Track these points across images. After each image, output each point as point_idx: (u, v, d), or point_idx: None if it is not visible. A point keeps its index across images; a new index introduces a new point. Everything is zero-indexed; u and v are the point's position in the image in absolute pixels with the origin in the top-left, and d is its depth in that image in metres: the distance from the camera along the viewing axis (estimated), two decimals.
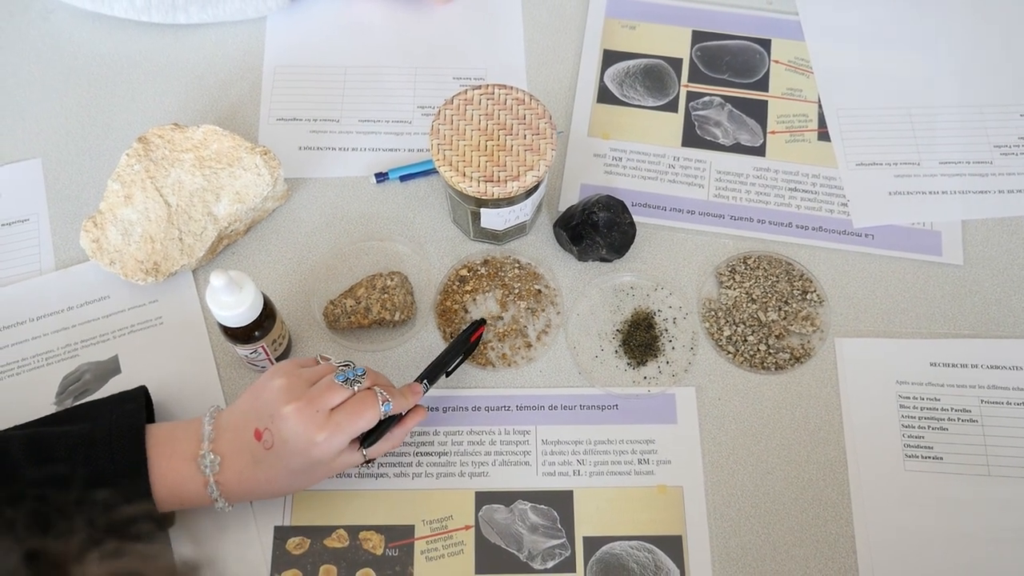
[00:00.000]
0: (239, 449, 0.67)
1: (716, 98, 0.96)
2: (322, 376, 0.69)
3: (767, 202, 0.90)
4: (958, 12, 1.01)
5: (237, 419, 0.68)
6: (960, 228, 0.89)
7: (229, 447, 0.67)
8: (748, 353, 0.82)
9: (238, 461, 0.67)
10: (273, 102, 0.94)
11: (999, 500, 0.77)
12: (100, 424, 0.68)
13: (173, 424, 0.70)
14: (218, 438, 0.68)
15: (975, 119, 0.95)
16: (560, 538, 0.75)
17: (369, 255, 0.86)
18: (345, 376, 0.68)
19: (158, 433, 0.68)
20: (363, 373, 0.69)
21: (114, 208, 0.82)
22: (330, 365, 0.71)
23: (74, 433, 0.67)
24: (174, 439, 0.68)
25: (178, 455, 0.67)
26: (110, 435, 0.67)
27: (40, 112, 0.93)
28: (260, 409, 0.68)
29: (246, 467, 0.67)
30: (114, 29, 0.97)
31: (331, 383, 0.67)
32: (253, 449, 0.67)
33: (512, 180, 0.75)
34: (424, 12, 1.00)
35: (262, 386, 0.69)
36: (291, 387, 0.67)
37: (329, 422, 0.66)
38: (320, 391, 0.67)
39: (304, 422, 0.66)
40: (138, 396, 0.73)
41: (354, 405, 0.67)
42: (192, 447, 0.67)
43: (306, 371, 0.69)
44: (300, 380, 0.68)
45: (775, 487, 0.77)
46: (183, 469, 0.67)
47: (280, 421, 0.66)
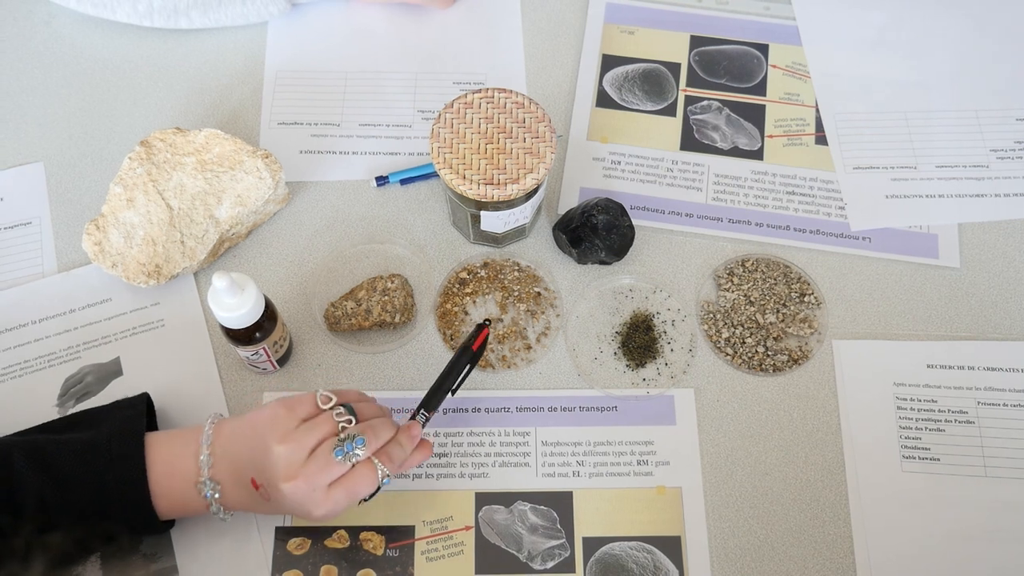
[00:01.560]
0: (239, 483, 0.67)
1: (714, 102, 0.96)
2: (321, 437, 0.66)
3: (765, 205, 0.90)
4: (954, 17, 1.02)
5: (238, 455, 0.67)
6: (956, 231, 0.89)
7: (229, 478, 0.67)
8: (746, 355, 0.83)
9: (239, 492, 0.67)
10: (274, 106, 0.94)
11: (995, 500, 0.77)
12: (101, 433, 0.68)
13: (170, 437, 0.69)
14: (217, 464, 0.67)
15: (971, 123, 0.96)
16: (560, 539, 0.75)
17: (370, 258, 0.87)
18: (343, 452, 0.65)
19: (157, 447, 0.67)
20: (362, 444, 0.66)
21: (116, 211, 0.83)
22: (330, 420, 0.67)
23: (75, 441, 0.67)
24: (173, 456, 0.67)
25: (178, 476, 0.67)
26: (110, 443, 0.67)
27: (43, 116, 0.93)
28: (259, 464, 0.66)
29: (246, 499, 0.67)
30: (116, 34, 0.97)
31: (329, 459, 0.65)
32: (251, 490, 0.67)
33: (512, 183, 0.76)
34: (424, 17, 1.00)
35: (261, 440, 0.66)
36: (290, 460, 0.65)
37: (328, 499, 0.65)
38: (318, 468, 0.65)
39: (303, 498, 0.65)
40: (138, 403, 0.72)
41: (353, 482, 0.66)
42: (190, 469, 0.67)
43: (305, 434, 0.66)
44: (300, 449, 0.65)
45: (773, 488, 0.78)
46: (185, 491, 0.67)
47: (277, 494, 0.65)
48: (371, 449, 0.67)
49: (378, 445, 0.67)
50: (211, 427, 0.68)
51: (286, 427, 0.66)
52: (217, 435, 0.68)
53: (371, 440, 0.67)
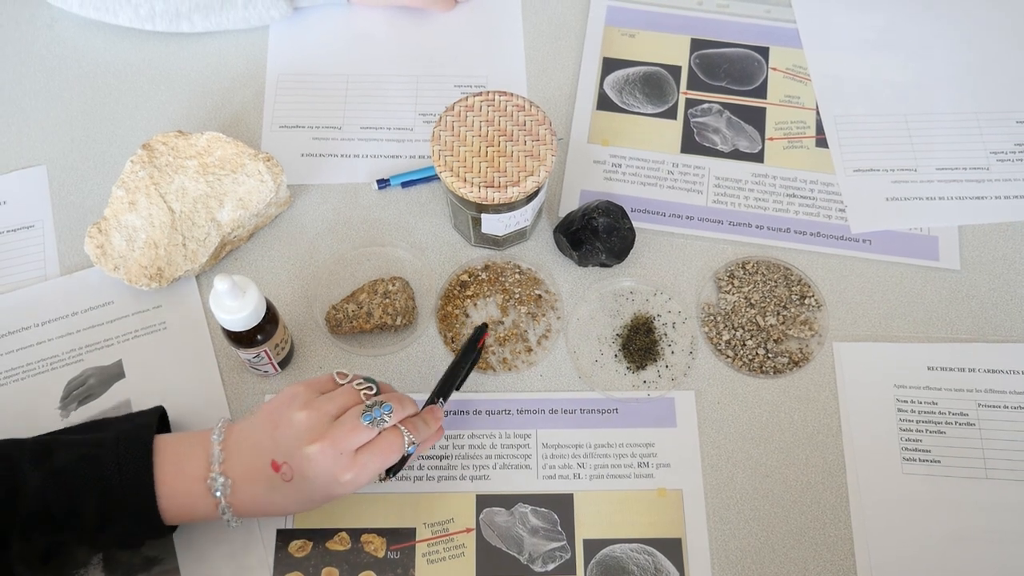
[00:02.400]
0: (253, 475, 0.65)
1: (715, 105, 0.96)
2: (344, 406, 0.66)
3: (765, 208, 0.91)
4: (954, 20, 1.02)
5: (251, 444, 0.66)
6: (957, 233, 0.90)
7: (242, 471, 0.65)
8: (747, 357, 0.83)
9: (252, 486, 0.65)
10: (276, 109, 0.95)
11: (996, 503, 0.77)
12: (110, 432, 0.67)
13: (178, 438, 0.68)
14: (228, 459, 0.66)
15: (971, 126, 0.96)
16: (560, 541, 0.75)
17: (371, 260, 0.87)
18: (371, 417, 0.65)
19: (164, 448, 0.66)
20: (390, 411, 0.66)
21: (118, 214, 0.83)
22: (352, 390, 0.68)
23: (82, 441, 0.67)
24: (180, 456, 0.66)
25: (186, 474, 0.65)
26: (117, 442, 0.66)
27: (45, 120, 0.93)
28: (278, 441, 0.65)
29: (260, 492, 0.66)
30: (118, 38, 0.98)
31: (356, 423, 0.65)
32: (269, 476, 0.65)
33: (513, 186, 0.76)
34: (425, 20, 1.01)
35: (279, 415, 0.66)
36: (314, 424, 0.64)
37: (355, 464, 0.64)
38: (345, 431, 0.64)
39: (329, 464, 0.64)
40: (152, 412, 0.72)
41: (380, 447, 0.65)
42: (200, 467, 0.65)
43: (327, 402, 0.67)
44: (322, 414, 0.65)
45: (774, 490, 0.78)
46: (192, 488, 0.65)
47: (303, 460, 0.64)
48: (398, 416, 0.66)
49: (404, 414, 0.67)
50: (222, 425, 0.68)
51: (305, 398, 0.67)
52: (229, 432, 0.67)
53: (398, 408, 0.67)
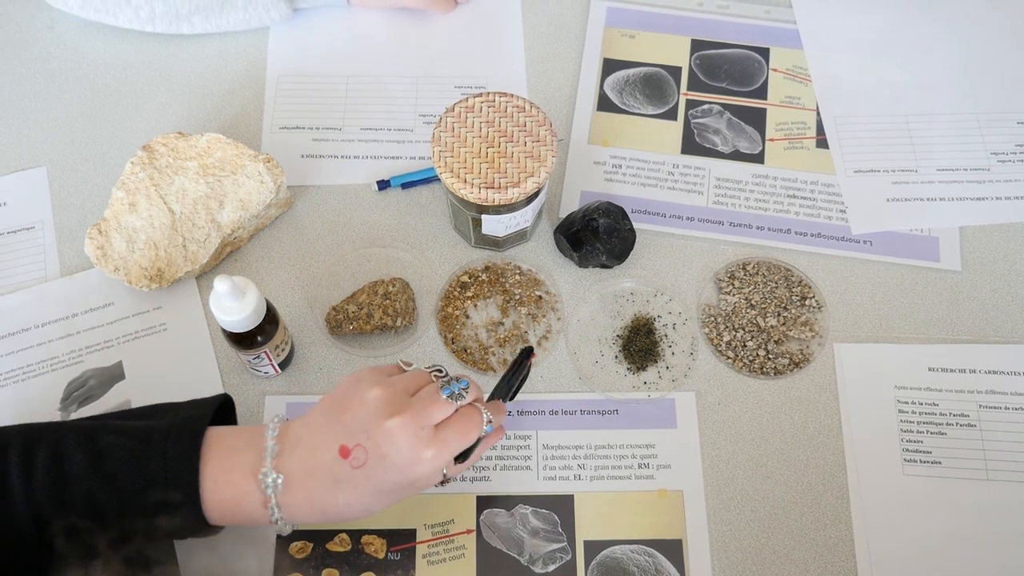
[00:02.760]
0: (313, 469, 0.61)
1: (715, 106, 0.96)
2: (417, 385, 0.64)
3: (766, 209, 0.91)
4: (955, 20, 1.02)
5: (313, 435, 0.63)
6: (958, 234, 0.89)
7: (300, 466, 0.62)
8: (747, 358, 0.83)
9: (311, 482, 0.61)
10: (276, 111, 0.95)
11: (997, 504, 0.77)
12: (164, 420, 0.64)
13: (231, 431, 0.65)
14: (284, 454, 0.62)
15: (972, 126, 0.96)
16: (561, 542, 0.75)
17: (371, 261, 0.87)
18: (451, 390, 0.63)
19: (215, 441, 0.63)
20: (466, 386, 0.64)
21: (119, 216, 0.83)
22: (421, 372, 0.66)
23: (134, 427, 0.64)
24: (232, 449, 0.63)
25: (235, 468, 0.62)
26: (169, 430, 0.63)
27: (45, 121, 0.93)
28: (348, 424, 0.62)
29: (321, 489, 0.62)
30: (119, 39, 0.98)
31: (435, 397, 0.63)
32: (335, 469, 0.61)
33: (513, 187, 0.76)
34: (425, 21, 1.01)
35: (349, 398, 0.63)
36: (391, 399, 0.62)
37: (436, 439, 0.62)
38: (424, 404, 0.62)
39: (410, 438, 0.61)
40: (213, 400, 0.68)
41: (461, 422, 0.63)
42: (252, 461, 0.62)
43: (399, 380, 0.64)
44: (397, 390, 0.63)
45: (775, 491, 0.78)
46: (241, 484, 0.61)
47: (382, 436, 0.61)
48: (474, 394, 0.65)
49: (478, 394, 0.66)
50: (277, 421, 0.64)
51: (375, 379, 0.64)
52: (285, 428, 0.64)
53: (473, 385, 0.65)
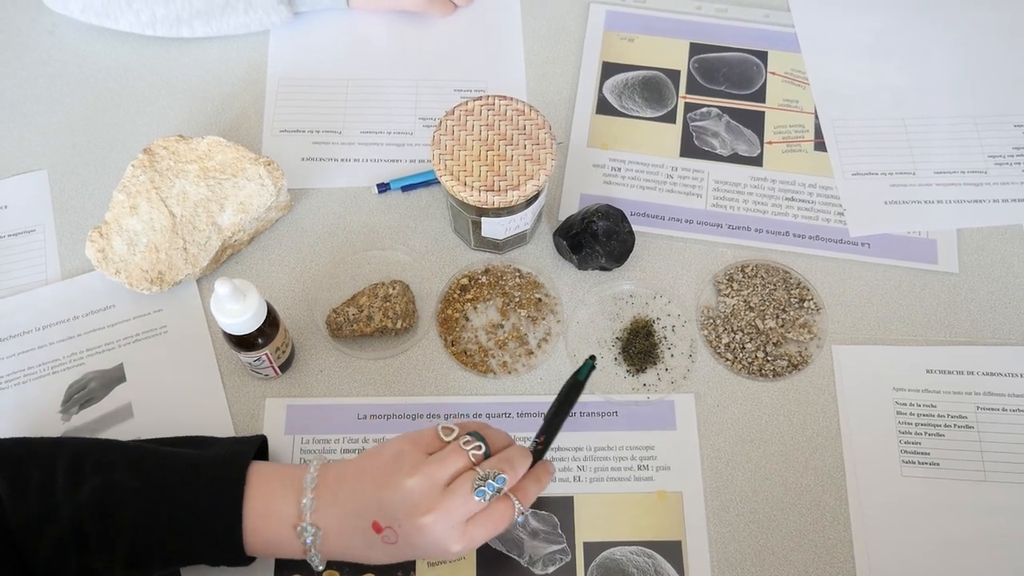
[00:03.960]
0: (348, 530, 0.64)
1: (714, 109, 0.97)
2: (453, 471, 0.63)
3: (764, 211, 0.91)
4: (952, 23, 1.02)
5: (349, 498, 0.64)
6: (955, 236, 0.90)
7: (337, 524, 0.64)
8: (746, 360, 0.83)
9: (346, 539, 0.64)
10: (276, 114, 0.95)
11: (995, 505, 0.78)
12: (206, 454, 0.67)
13: (271, 475, 0.66)
14: (321, 509, 0.64)
15: (969, 129, 0.96)
16: (561, 543, 0.75)
17: (371, 264, 0.87)
18: (483, 492, 0.62)
19: (256, 484, 0.65)
20: (503, 483, 0.62)
21: (119, 218, 0.83)
22: (461, 452, 0.64)
23: (178, 456, 0.67)
24: (271, 497, 0.65)
25: (275, 517, 0.64)
26: (213, 465, 0.66)
27: (46, 125, 0.94)
28: (383, 504, 0.62)
29: (354, 546, 0.64)
30: (119, 43, 0.98)
31: (467, 496, 0.62)
32: (367, 535, 0.63)
33: (512, 189, 0.76)
34: (425, 25, 1.01)
35: (386, 476, 0.63)
36: (426, 492, 0.62)
37: (465, 535, 0.62)
38: (457, 503, 0.62)
39: (441, 533, 0.61)
40: (253, 440, 0.71)
41: (492, 520, 0.63)
42: (290, 512, 0.64)
43: (438, 467, 0.63)
44: (434, 483, 0.62)
45: (773, 493, 0.78)
46: (281, 532, 0.64)
47: (414, 530, 0.62)
48: (511, 484, 0.64)
49: (516, 479, 0.64)
50: (316, 470, 0.66)
51: (414, 461, 0.63)
52: (323, 479, 0.65)
53: (511, 477, 0.63)
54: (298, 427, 0.79)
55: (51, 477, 0.64)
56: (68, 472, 0.64)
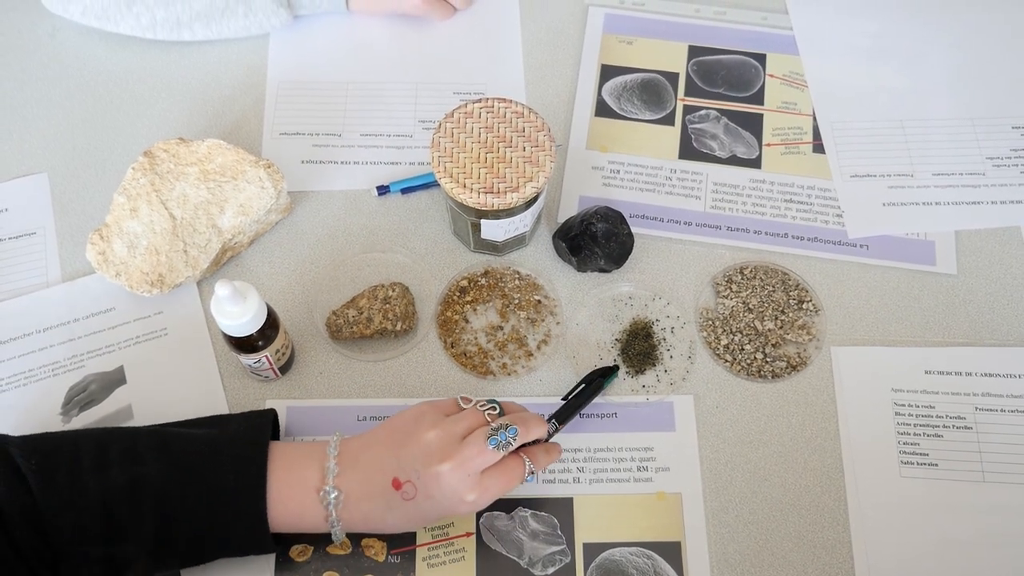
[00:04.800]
0: (369, 492, 0.67)
1: (712, 111, 0.97)
2: (471, 426, 0.68)
3: (763, 213, 0.91)
4: (950, 26, 1.03)
5: (371, 459, 0.67)
6: (954, 238, 0.90)
7: (358, 488, 0.67)
8: (745, 362, 0.83)
9: (367, 503, 0.67)
10: (276, 117, 0.95)
11: (994, 505, 0.78)
12: (225, 433, 0.69)
13: (293, 447, 0.70)
14: (344, 473, 0.67)
15: (967, 131, 0.96)
16: (560, 544, 0.76)
17: (371, 266, 0.87)
18: (497, 441, 0.66)
19: (278, 456, 0.68)
20: (515, 434, 0.67)
21: (120, 221, 0.83)
22: (477, 412, 0.69)
23: (198, 437, 0.68)
24: (294, 465, 0.68)
25: (299, 484, 0.67)
26: (233, 444, 0.68)
27: (47, 127, 0.94)
28: (403, 459, 0.67)
29: (374, 509, 0.67)
30: (120, 46, 0.98)
31: (481, 446, 0.66)
32: (387, 495, 0.66)
33: (512, 191, 0.77)
34: (425, 28, 1.01)
35: (406, 434, 0.68)
36: (444, 444, 0.66)
37: (479, 484, 0.66)
38: (472, 452, 0.66)
39: (457, 482, 0.65)
40: (266, 414, 0.73)
41: (504, 473, 0.67)
42: (314, 478, 0.67)
43: (455, 423, 0.68)
44: (451, 435, 0.67)
45: (772, 493, 0.78)
46: (305, 499, 0.67)
47: (430, 478, 0.65)
48: (522, 438, 0.68)
49: (529, 436, 0.69)
50: (337, 439, 0.69)
51: (433, 419, 0.68)
52: (345, 447, 0.69)
53: (523, 431, 0.68)
54: (298, 428, 0.80)
55: (77, 466, 0.65)
56: (94, 460, 0.66)
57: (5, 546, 0.63)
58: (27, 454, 0.66)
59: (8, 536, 0.63)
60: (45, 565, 0.64)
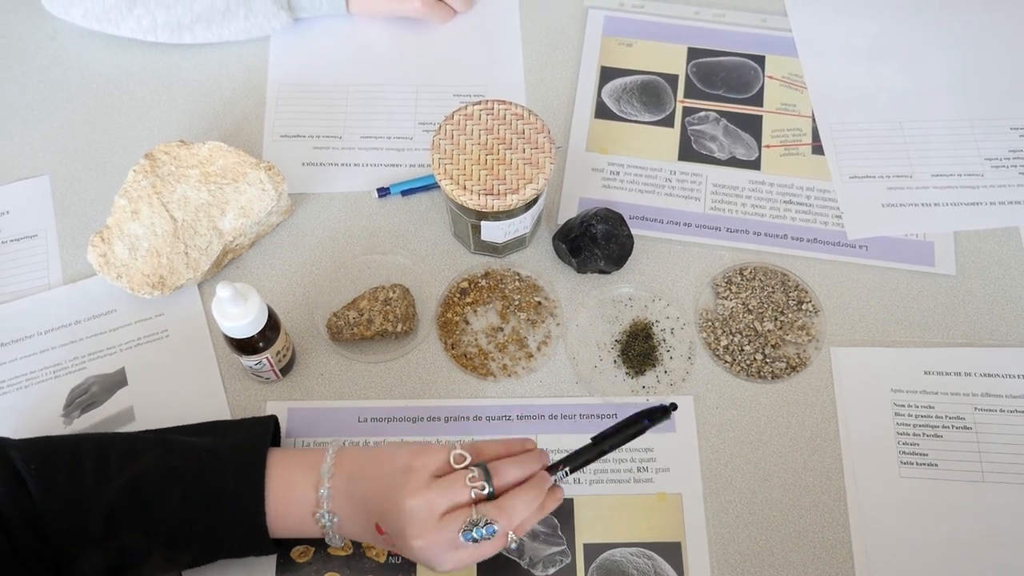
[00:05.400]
0: (357, 521, 0.67)
1: (712, 113, 0.97)
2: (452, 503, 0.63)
3: (762, 215, 0.91)
4: (948, 27, 1.03)
5: (359, 492, 0.66)
6: (952, 239, 0.90)
7: (347, 514, 0.67)
8: (745, 362, 0.83)
9: (356, 528, 0.67)
10: (277, 119, 0.96)
11: (993, 506, 0.78)
12: (225, 442, 0.69)
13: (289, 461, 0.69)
14: (336, 498, 0.67)
15: (966, 132, 0.96)
16: (561, 545, 0.76)
17: (371, 268, 0.88)
18: (471, 537, 0.62)
19: (275, 471, 0.68)
20: (492, 533, 0.63)
21: (121, 223, 0.84)
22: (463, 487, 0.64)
23: (199, 445, 0.69)
24: (290, 484, 0.67)
25: (295, 503, 0.67)
26: (232, 453, 0.68)
27: (48, 130, 0.94)
28: (385, 513, 0.65)
29: (364, 535, 0.68)
30: (121, 49, 0.98)
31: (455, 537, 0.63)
32: (374, 532, 0.66)
33: (512, 193, 0.77)
34: (425, 30, 1.01)
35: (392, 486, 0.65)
36: (423, 519, 0.63)
37: (454, 557, 0.64)
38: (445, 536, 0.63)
39: (430, 555, 0.64)
40: (267, 421, 0.73)
41: (481, 548, 0.64)
42: (309, 499, 0.67)
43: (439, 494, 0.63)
44: (430, 511, 0.63)
45: (772, 494, 0.78)
46: (302, 517, 0.67)
47: (405, 548, 0.64)
48: (502, 533, 0.63)
49: (509, 528, 0.64)
50: (332, 458, 0.68)
51: (417, 483, 0.64)
52: (338, 469, 0.67)
53: (503, 525, 0.63)
54: (299, 430, 0.80)
55: (79, 470, 0.66)
56: (95, 465, 0.66)
57: (6, 548, 0.63)
58: (27, 458, 0.66)
59: (8, 538, 0.63)
60: (45, 567, 0.64)
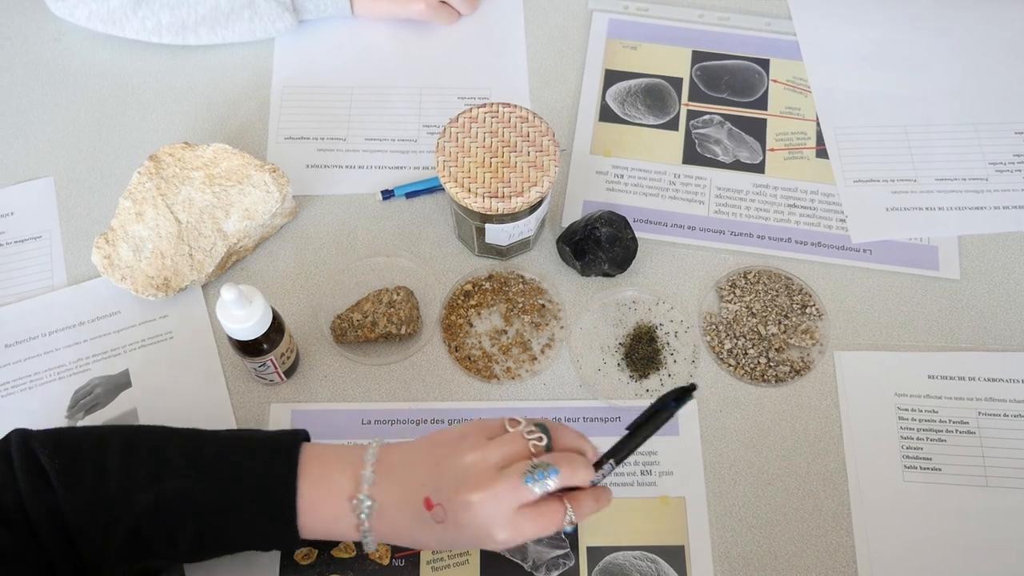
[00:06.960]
0: (402, 504, 0.63)
1: (716, 116, 0.97)
2: (510, 456, 0.62)
3: (766, 218, 0.91)
4: (953, 32, 1.03)
5: (407, 472, 0.64)
6: (956, 243, 0.90)
7: (392, 498, 0.63)
8: (749, 366, 0.83)
9: (398, 516, 0.63)
10: (281, 121, 0.96)
11: (997, 510, 0.78)
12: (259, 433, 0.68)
13: (328, 450, 0.67)
14: (380, 483, 0.63)
15: (970, 137, 0.96)
16: (564, 548, 0.76)
17: (375, 270, 0.88)
18: (533, 479, 0.60)
19: (312, 458, 0.65)
20: (555, 475, 0.60)
21: (125, 225, 0.84)
22: (520, 439, 0.63)
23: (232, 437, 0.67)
24: (328, 469, 0.65)
25: (332, 490, 0.64)
26: (266, 441, 0.67)
27: (52, 132, 0.94)
28: (439, 478, 0.62)
29: (406, 523, 0.63)
30: (125, 50, 0.99)
31: (517, 481, 0.60)
32: (419, 512, 0.62)
33: (516, 196, 0.77)
34: (429, 33, 1.02)
35: (445, 454, 0.63)
36: (479, 471, 0.61)
37: (511, 522, 0.60)
38: (505, 487, 0.60)
39: (487, 516, 0.60)
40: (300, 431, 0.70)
41: (540, 516, 0.61)
42: (348, 485, 0.64)
43: (495, 449, 0.62)
44: (488, 463, 0.62)
45: (776, 498, 0.78)
46: (337, 505, 0.64)
47: (461, 507, 0.61)
48: (564, 481, 0.61)
49: (572, 481, 0.62)
50: (376, 446, 0.66)
51: (475, 441, 0.63)
52: (383, 454, 0.65)
53: (565, 473, 0.61)
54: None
55: (104, 472, 0.64)
56: (121, 457, 0.64)
57: (33, 550, 0.62)
58: (51, 453, 0.64)
59: (35, 539, 0.62)
60: (71, 565, 0.63)
